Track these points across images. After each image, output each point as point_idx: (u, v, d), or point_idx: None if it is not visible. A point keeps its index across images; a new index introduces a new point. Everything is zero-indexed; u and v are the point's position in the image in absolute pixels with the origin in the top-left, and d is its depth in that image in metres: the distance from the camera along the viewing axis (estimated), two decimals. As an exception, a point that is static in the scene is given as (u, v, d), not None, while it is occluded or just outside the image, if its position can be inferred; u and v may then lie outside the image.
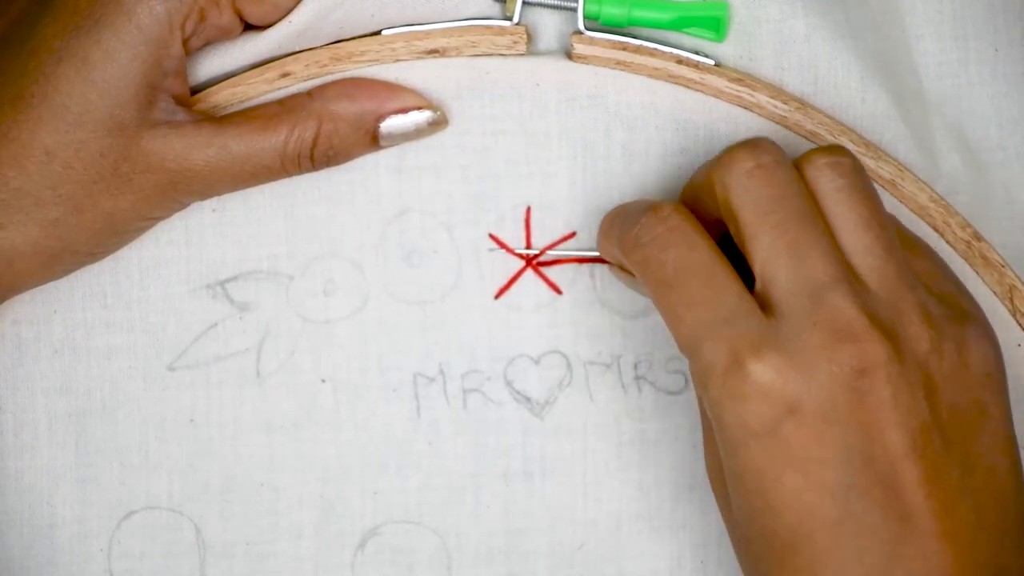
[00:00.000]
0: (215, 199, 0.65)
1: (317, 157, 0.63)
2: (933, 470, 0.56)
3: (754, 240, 0.58)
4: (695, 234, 0.59)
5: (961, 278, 0.64)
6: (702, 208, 0.60)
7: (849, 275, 0.57)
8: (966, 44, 0.66)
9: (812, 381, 0.56)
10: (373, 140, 0.64)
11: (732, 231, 0.59)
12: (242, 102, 0.64)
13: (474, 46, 0.65)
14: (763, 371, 0.56)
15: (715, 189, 0.59)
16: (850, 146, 0.65)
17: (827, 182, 0.59)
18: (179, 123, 0.61)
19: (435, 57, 0.65)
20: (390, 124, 0.64)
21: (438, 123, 0.65)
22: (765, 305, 0.57)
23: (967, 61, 0.66)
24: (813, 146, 0.65)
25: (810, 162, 0.59)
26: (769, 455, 0.56)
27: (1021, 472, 0.58)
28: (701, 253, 0.58)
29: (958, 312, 0.59)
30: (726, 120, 0.65)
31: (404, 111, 0.64)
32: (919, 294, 0.58)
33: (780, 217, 0.57)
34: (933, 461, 0.56)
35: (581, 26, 0.65)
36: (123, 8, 0.60)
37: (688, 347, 0.58)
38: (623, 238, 0.60)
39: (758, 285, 0.58)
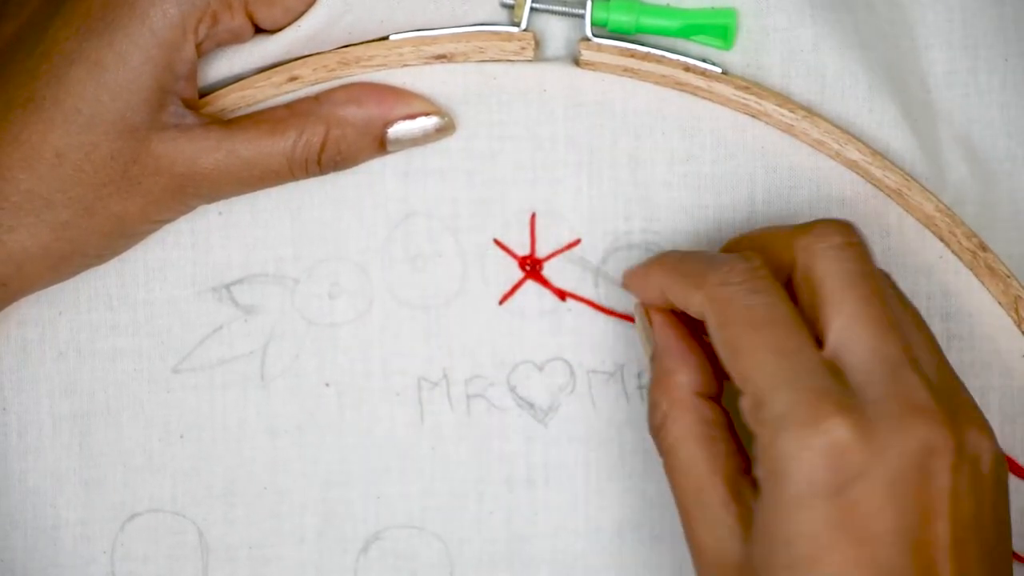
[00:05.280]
0: (221, 202, 0.65)
1: (324, 162, 0.63)
2: (965, 572, 0.56)
3: (836, 308, 0.58)
4: (781, 289, 0.59)
5: (967, 288, 0.65)
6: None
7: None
8: (976, 53, 0.66)
9: (885, 450, 0.55)
10: (380, 145, 0.64)
11: (804, 298, 0.59)
12: (249, 105, 0.64)
13: (482, 52, 0.65)
14: (842, 430, 0.55)
15: (797, 255, 0.59)
16: (856, 155, 0.65)
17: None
18: (188, 126, 0.61)
19: (443, 62, 0.65)
20: (397, 129, 0.64)
21: (445, 128, 0.65)
22: (834, 371, 0.57)
23: (976, 70, 0.66)
24: (821, 155, 0.65)
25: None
26: (829, 519, 0.55)
27: None
28: (787, 307, 0.58)
29: (982, 421, 0.59)
30: (733, 128, 0.65)
31: (412, 116, 0.64)
32: (968, 396, 0.58)
33: (866, 292, 0.58)
34: (969, 562, 0.56)
35: (589, 33, 0.65)
36: (136, 11, 0.59)
37: (762, 391, 0.57)
38: (706, 275, 0.59)
39: (828, 351, 0.57)
